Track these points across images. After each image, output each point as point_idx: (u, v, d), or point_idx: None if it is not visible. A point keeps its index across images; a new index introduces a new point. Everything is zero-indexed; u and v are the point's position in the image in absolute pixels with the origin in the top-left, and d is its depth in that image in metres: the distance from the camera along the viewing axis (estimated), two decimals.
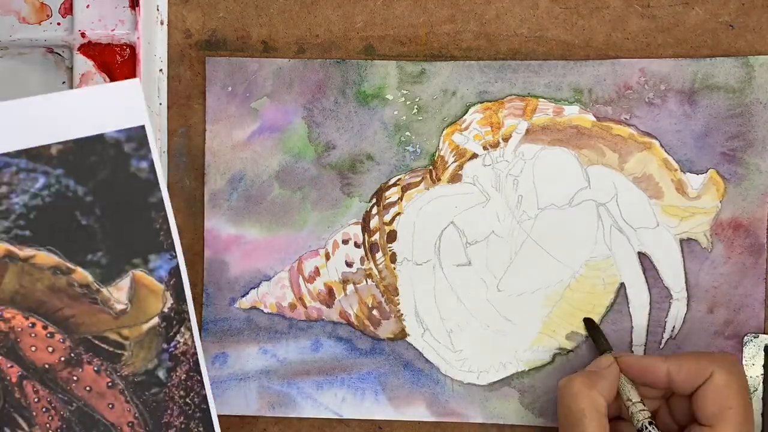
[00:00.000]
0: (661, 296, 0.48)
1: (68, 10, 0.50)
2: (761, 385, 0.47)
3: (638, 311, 0.48)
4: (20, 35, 0.50)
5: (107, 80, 0.50)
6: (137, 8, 0.49)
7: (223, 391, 0.49)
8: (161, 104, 0.50)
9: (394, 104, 0.49)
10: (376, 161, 0.49)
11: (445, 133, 0.49)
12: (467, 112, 0.49)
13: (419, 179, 0.49)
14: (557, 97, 0.48)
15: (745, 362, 0.47)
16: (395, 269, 0.49)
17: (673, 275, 0.48)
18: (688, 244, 0.48)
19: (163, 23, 0.50)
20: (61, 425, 0.42)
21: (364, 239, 0.49)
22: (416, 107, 0.49)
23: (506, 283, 0.48)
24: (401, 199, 0.49)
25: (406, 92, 0.49)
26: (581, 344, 0.48)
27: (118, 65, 0.50)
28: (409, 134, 0.49)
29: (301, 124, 0.49)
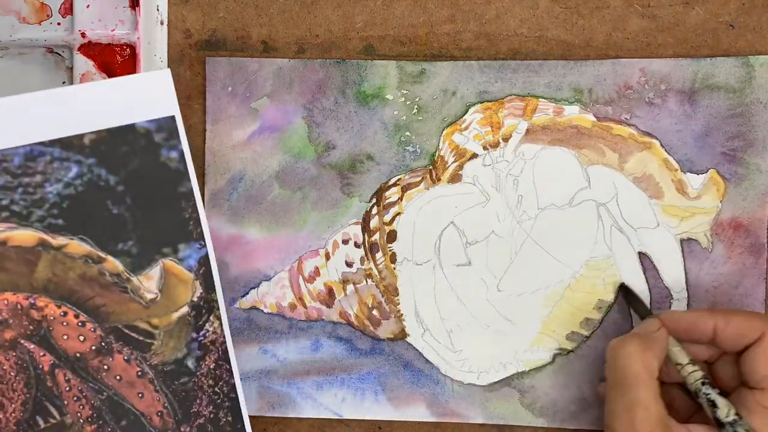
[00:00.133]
0: (661, 296, 0.48)
1: (68, 10, 0.50)
2: None
3: None
4: (20, 35, 0.50)
5: None
6: (137, 8, 0.49)
7: None
8: None
9: (394, 104, 0.49)
10: (376, 161, 0.49)
11: (445, 133, 0.49)
12: (467, 112, 0.49)
13: (419, 179, 0.49)
14: (557, 97, 0.48)
15: None
16: (395, 269, 0.49)
17: (673, 275, 0.48)
18: (688, 244, 0.48)
19: (163, 23, 0.50)
20: (91, 414, 0.43)
21: (364, 239, 0.49)
22: (416, 107, 0.49)
23: (506, 283, 0.48)
24: (401, 199, 0.49)
25: (406, 92, 0.49)
26: (581, 344, 0.48)
27: (118, 65, 0.50)
28: (409, 134, 0.49)
29: (301, 124, 0.49)
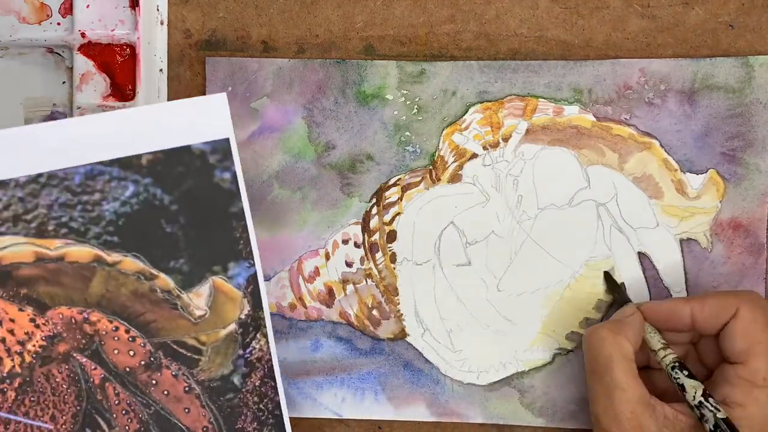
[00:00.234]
0: (661, 296, 0.48)
1: (68, 10, 0.50)
2: None
3: None
4: (20, 35, 0.50)
5: (107, 80, 0.50)
6: (137, 8, 0.49)
7: None
8: None
9: (394, 104, 0.49)
10: (376, 161, 0.49)
11: (445, 133, 0.49)
12: (467, 112, 0.49)
13: (419, 179, 0.49)
14: (557, 97, 0.48)
15: None
16: (395, 269, 0.49)
17: (672, 275, 0.48)
18: (688, 244, 0.48)
19: (163, 23, 0.50)
20: (139, 427, 0.44)
21: (364, 239, 0.49)
22: (416, 107, 0.49)
23: (506, 283, 0.48)
24: (401, 199, 0.49)
25: (406, 92, 0.49)
26: (581, 344, 0.48)
27: (118, 65, 0.50)
28: (409, 134, 0.49)
29: (301, 124, 0.49)
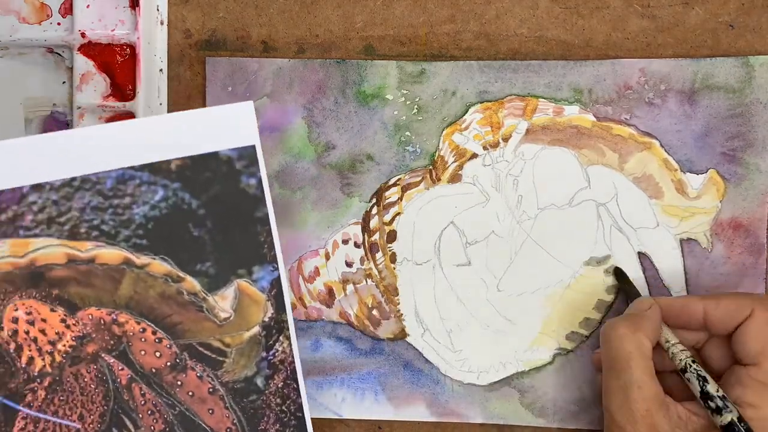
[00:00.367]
0: (661, 296, 0.48)
1: (68, 10, 0.50)
2: None
3: None
4: (20, 35, 0.50)
5: (107, 80, 0.50)
6: (137, 8, 0.49)
7: None
8: (161, 104, 0.50)
9: (394, 104, 0.49)
10: (376, 161, 0.49)
11: (445, 133, 0.49)
12: (467, 112, 0.49)
13: (419, 179, 0.49)
14: (557, 97, 0.48)
15: None
16: (395, 269, 0.49)
17: (673, 275, 0.48)
18: (688, 244, 0.48)
19: (163, 23, 0.50)
20: (164, 428, 0.44)
21: (364, 239, 0.49)
22: (416, 107, 0.49)
23: (506, 283, 0.48)
24: (401, 199, 0.49)
25: (406, 92, 0.49)
26: (581, 344, 0.48)
27: (118, 65, 0.50)
28: (409, 134, 0.49)
29: (301, 124, 0.49)
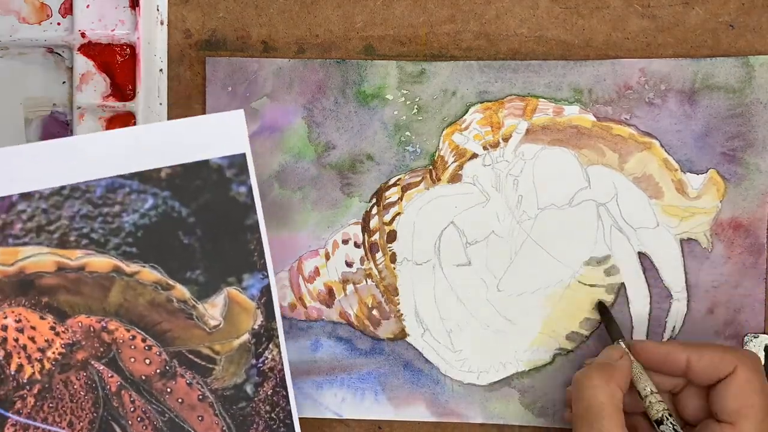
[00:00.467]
0: (661, 296, 0.48)
1: (68, 10, 0.50)
2: None
3: (638, 311, 0.48)
4: (20, 35, 0.50)
5: (107, 80, 0.50)
6: (137, 8, 0.49)
7: None
8: (161, 104, 0.50)
9: (394, 104, 0.49)
10: (376, 161, 0.49)
11: (445, 133, 0.49)
12: (467, 112, 0.49)
13: (419, 179, 0.49)
14: (557, 97, 0.48)
15: None
16: (395, 269, 0.49)
17: (673, 275, 0.48)
18: (688, 244, 0.47)
19: (163, 23, 0.50)
20: None
21: (364, 239, 0.49)
22: (416, 107, 0.49)
23: (506, 283, 0.48)
24: (401, 199, 0.49)
25: (406, 92, 0.49)
26: (581, 344, 0.48)
27: (118, 65, 0.50)
28: (409, 134, 0.49)
29: (301, 124, 0.49)
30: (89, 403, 0.44)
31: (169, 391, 0.45)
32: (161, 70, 0.50)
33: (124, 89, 0.50)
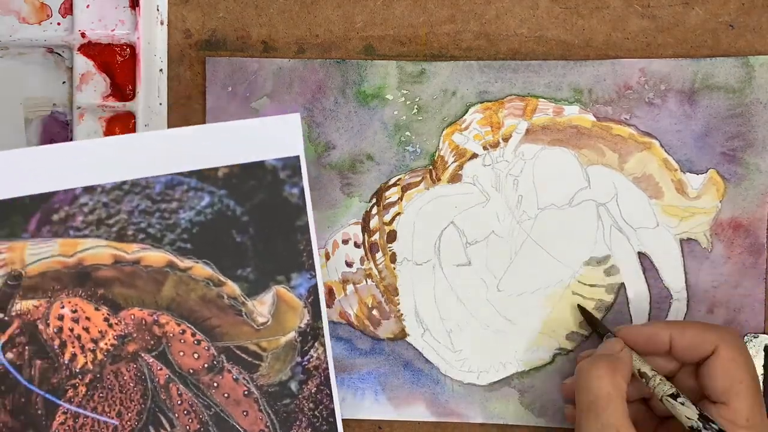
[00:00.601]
0: (661, 296, 0.48)
1: (68, 10, 0.50)
2: (761, 385, 0.47)
3: (638, 311, 0.48)
4: (20, 35, 0.50)
5: (107, 80, 0.50)
6: (137, 8, 0.49)
7: None
8: (161, 104, 0.50)
9: (394, 104, 0.49)
10: (376, 161, 0.49)
11: (445, 133, 0.49)
12: (467, 112, 0.49)
13: (419, 179, 0.49)
14: (557, 97, 0.48)
15: None
16: (395, 269, 0.49)
17: (673, 275, 0.48)
18: (688, 244, 0.48)
19: (163, 23, 0.50)
20: (199, 428, 0.45)
21: (364, 239, 0.49)
22: (416, 107, 0.49)
23: (506, 283, 0.48)
24: (401, 199, 0.49)
25: (406, 92, 0.49)
26: (581, 344, 0.48)
27: (118, 65, 0.50)
28: (409, 134, 0.49)
29: (301, 124, 0.49)
30: (138, 394, 0.45)
31: (215, 385, 0.45)
32: (161, 70, 0.50)
33: (124, 89, 0.50)
